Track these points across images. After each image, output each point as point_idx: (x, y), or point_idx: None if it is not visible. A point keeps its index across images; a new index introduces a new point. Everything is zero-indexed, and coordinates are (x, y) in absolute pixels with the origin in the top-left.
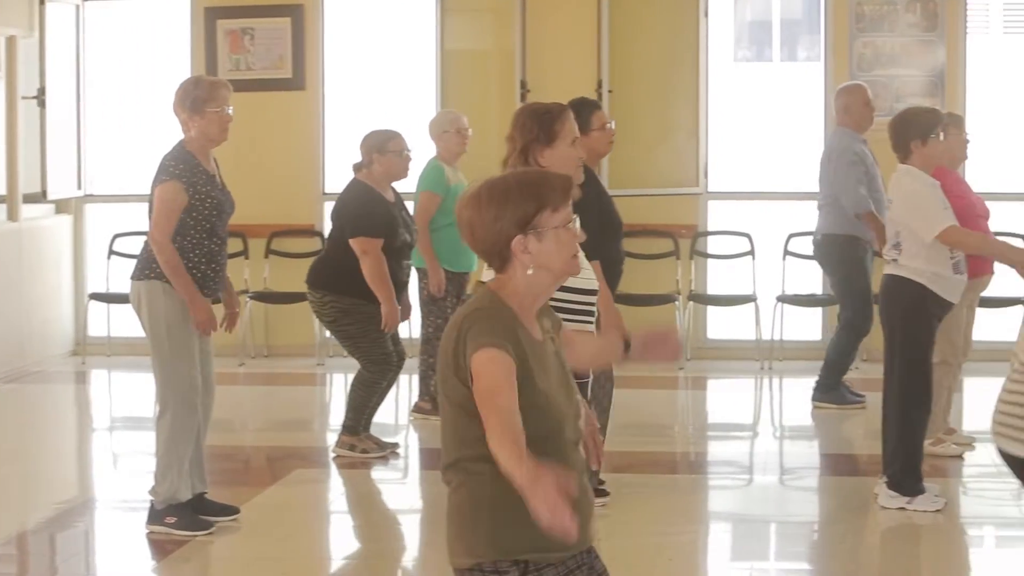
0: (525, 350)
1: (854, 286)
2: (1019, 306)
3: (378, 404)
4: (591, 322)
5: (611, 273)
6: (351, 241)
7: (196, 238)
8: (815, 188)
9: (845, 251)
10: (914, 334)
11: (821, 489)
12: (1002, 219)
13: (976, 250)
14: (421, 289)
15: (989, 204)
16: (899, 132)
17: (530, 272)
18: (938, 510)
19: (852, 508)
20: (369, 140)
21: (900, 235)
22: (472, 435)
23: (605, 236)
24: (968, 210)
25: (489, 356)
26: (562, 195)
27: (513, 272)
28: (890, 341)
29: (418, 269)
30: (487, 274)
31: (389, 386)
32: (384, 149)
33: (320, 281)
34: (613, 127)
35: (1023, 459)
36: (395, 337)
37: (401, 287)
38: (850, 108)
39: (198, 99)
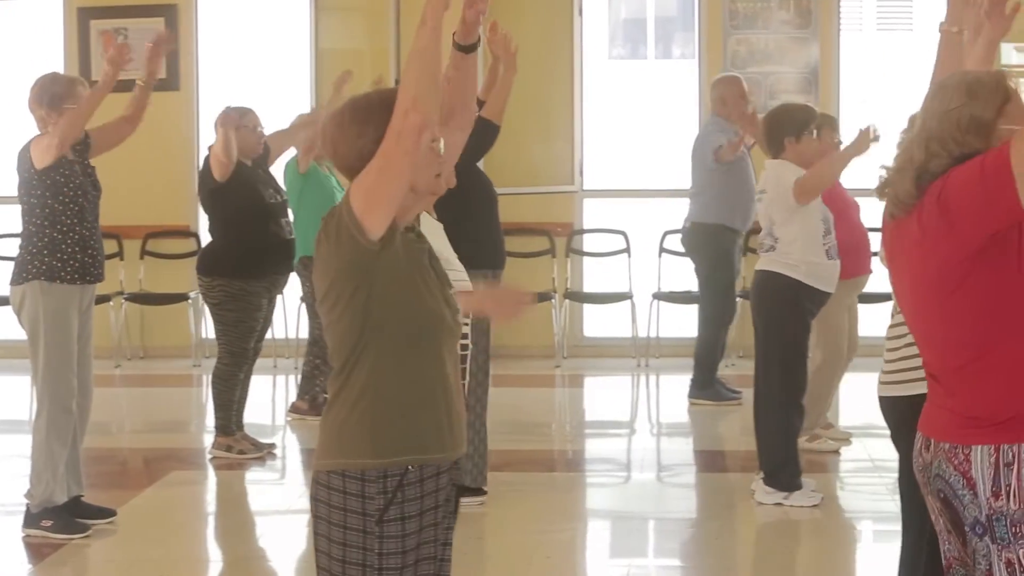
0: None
1: (718, 276)
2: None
3: (243, 399)
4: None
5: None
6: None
7: (68, 223)
8: (690, 182)
9: (713, 240)
10: (788, 330)
11: (698, 485)
12: (874, 215)
13: (831, 171)
14: (304, 285)
15: (860, 200)
16: (773, 128)
17: None
18: (815, 505)
19: (729, 504)
20: (222, 116)
21: (774, 227)
22: (350, 340)
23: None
24: (844, 208)
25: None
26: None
27: None
28: (763, 337)
29: (302, 259)
30: None
31: (247, 378)
32: (237, 124)
33: (206, 267)
34: None
35: (892, 401)
36: (260, 335)
37: (283, 246)
38: (726, 99)
39: (56, 95)
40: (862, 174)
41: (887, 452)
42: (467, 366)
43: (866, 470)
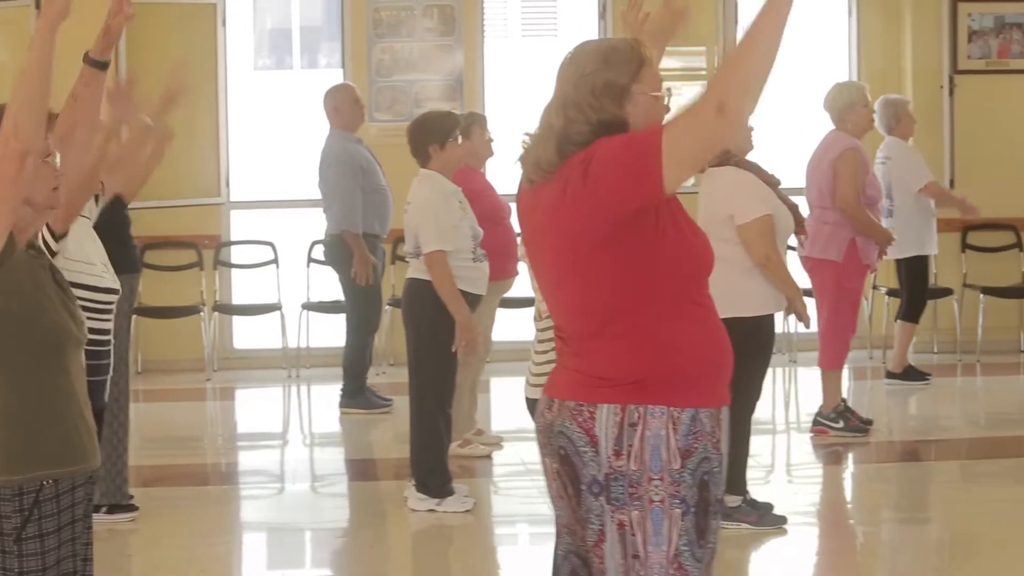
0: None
1: (360, 286)
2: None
3: None
4: (109, 319)
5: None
6: None
7: None
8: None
9: (349, 251)
10: (439, 337)
11: (352, 494)
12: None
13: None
14: None
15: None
16: (417, 137)
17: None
18: (468, 510)
19: (383, 512)
20: None
21: (419, 239)
22: None
23: None
24: (495, 211)
25: None
26: None
27: None
28: (414, 344)
29: None
30: None
31: None
32: None
33: None
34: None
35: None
36: None
37: None
38: (340, 109)
39: None
40: (514, 181)
41: (538, 456)
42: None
43: (518, 474)
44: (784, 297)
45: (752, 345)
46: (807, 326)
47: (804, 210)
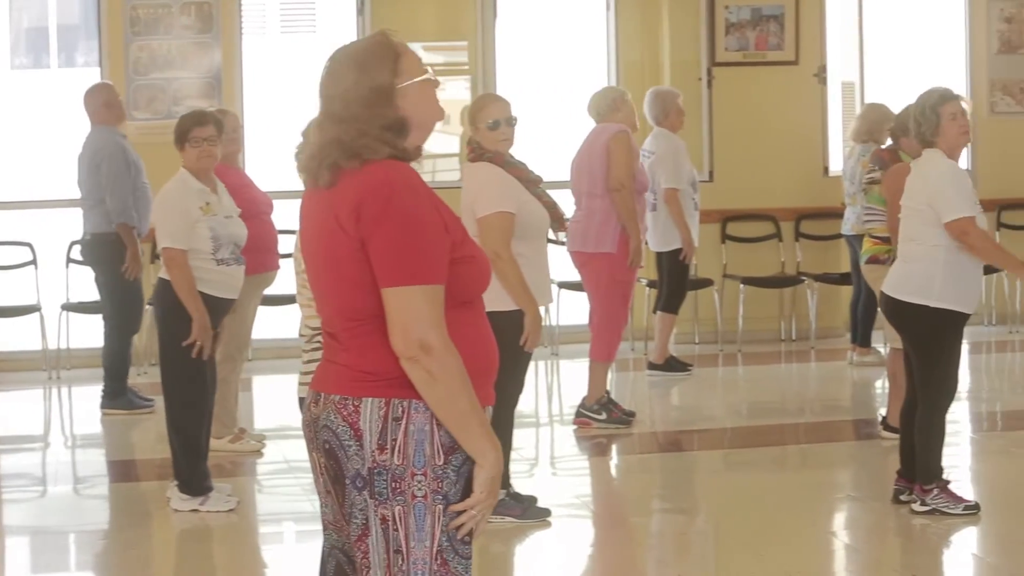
0: None
1: (122, 285)
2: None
3: None
4: None
5: None
6: None
7: None
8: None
9: (112, 249)
10: (183, 336)
11: (114, 496)
12: (285, 215)
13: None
14: None
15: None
16: (175, 135)
17: None
18: (231, 509)
19: (146, 513)
20: None
21: (156, 236)
22: None
23: None
24: (253, 206)
25: None
26: None
27: None
28: (162, 345)
29: None
30: None
31: None
32: None
33: None
34: None
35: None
36: None
37: None
38: (111, 104)
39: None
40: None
41: (302, 453)
42: None
43: (282, 472)
44: (548, 290)
45: (514, 338)
46: (529, 347)
47: (567, 208)
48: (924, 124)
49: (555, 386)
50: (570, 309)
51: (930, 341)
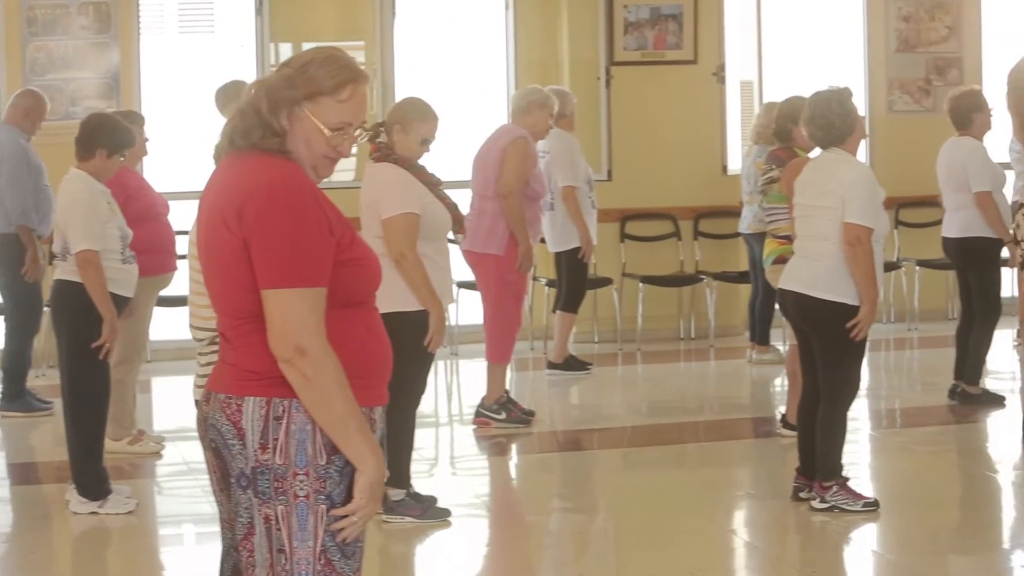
0: None
1: (21, 286)
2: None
3: None
4: None
5: None
6: None
7: None
8: None
9: (14, 251)
10: (88, 338)
11: (13, 499)
12: (180, 216)
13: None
14: None
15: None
16: (92, 135)
17: None
18: (130, 511)
19: (45, 516)
20: None
21: (67, 242)
22: None
23: None
24: (151, 208)
25: None
26: None
27: None
28: (65, 347)
29: None
30: None
31: None
32: None
33: None
34: None
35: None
36: None
37: None
38: (32, 114)
39: None
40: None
41: (201, 455)
42: None
43: (182, 473)
44: (450, 290)
45: (416, 339)
46: (433, 348)
47: (465, 209)
48: (841, 124)
49: (455, 386)
50: (469, 309)
51: (841, 338)
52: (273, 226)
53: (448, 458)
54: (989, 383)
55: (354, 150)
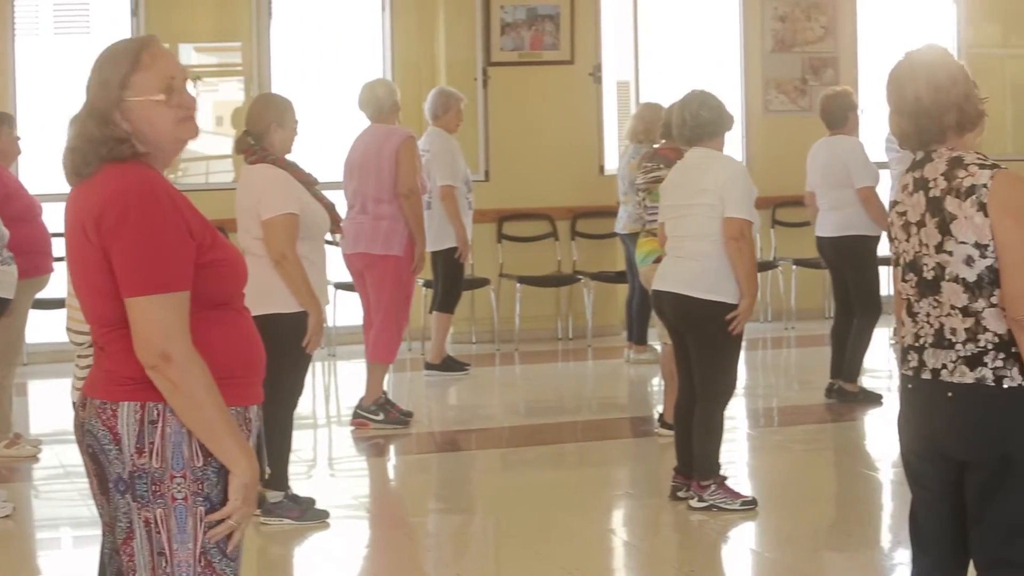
0: None
1: None
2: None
3: None
4: None
5: None
6: None
7: None
8: None
9: None
10: None
11: None
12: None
13: None
14: None
15: (43, 203)
16: None
17: None
18: (7, 516)
19: None
20: None
21: None
22: None
23: None
24: (27, 210)
25: None
26: None
27: None
28: None
29: None
30: None
31: None
32: None
33: None
34: None
35: None
36: None
37: None
38: None
39: None
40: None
41: (79, 458)
42: None
43: (59, 477)
44: (326, 290)
45: (294, 340)
46: (311, 349)
47: (342, 210)
48: (720, 124)
49: (332, 387)
50: (346, 310)
51: (720, 338)
52: (130, 234)
53: (326, 459)
54: (866, 381)
55: (225, 142)
